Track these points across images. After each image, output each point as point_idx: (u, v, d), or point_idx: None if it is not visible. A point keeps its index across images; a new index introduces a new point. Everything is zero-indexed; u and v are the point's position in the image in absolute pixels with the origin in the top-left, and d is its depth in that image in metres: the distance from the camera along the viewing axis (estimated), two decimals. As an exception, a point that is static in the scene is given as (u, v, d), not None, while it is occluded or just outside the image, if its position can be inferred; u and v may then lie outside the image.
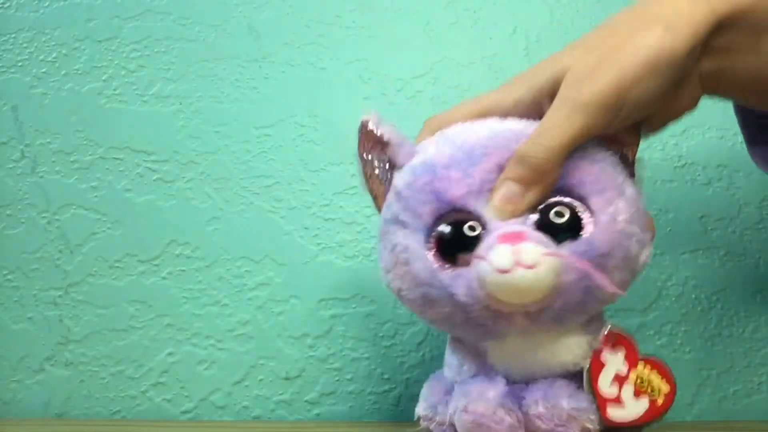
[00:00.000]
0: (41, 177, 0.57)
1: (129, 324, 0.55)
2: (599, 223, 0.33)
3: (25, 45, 0.59)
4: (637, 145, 0.37)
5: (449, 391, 0.38)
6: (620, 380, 0.34)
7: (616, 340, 0.35)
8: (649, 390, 0.34)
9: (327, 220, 0.57)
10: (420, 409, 0.39)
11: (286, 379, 0.55)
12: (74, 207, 0.57)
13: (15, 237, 0.57)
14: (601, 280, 0.32)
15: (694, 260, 0.59)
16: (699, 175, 0.60)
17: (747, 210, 0.60)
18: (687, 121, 0.60)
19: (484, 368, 0.37)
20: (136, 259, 0.56)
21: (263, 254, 0.57)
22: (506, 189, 0.33)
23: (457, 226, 0.34)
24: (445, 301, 0.34)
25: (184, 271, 0.56)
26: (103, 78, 0.59)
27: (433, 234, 0.35)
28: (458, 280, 0.33)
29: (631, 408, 0.34)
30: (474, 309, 0.33)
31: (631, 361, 0.35)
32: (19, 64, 0.59)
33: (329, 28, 0.61)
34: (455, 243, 0.34)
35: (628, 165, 0.36)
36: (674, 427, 0.52)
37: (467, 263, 0.33)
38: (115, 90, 0.59)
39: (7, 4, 0.60)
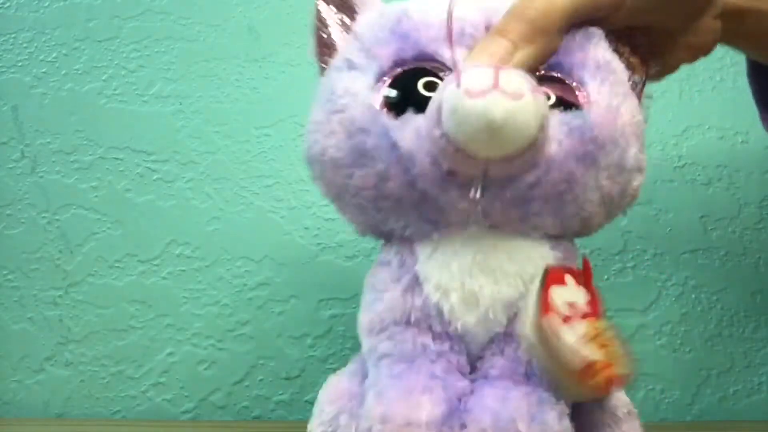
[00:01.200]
0: (41, 177, 0.57)
1: (129, 324, 0.55)
2: (598, 106, 0.28)
3: (25, 45, 0.59)
4: (645, 69, 0.32)
5: (358, 392, 0.29)
6: (574, 313, 0.26)
7: (585, 278, 0.27)
8: (605, 347, 0.26)
9: (327, 220, 0.57)
10: (314, 425, 0.31)
11: (286, 379, 0.55)
12: (74, 207, 0.57)
13: (15, 237, 0.57)
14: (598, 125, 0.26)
15: (694, 260, 0.59)
16: (699, 175, 0.60)
17: (747, 210, 0.60)
18: (687, 121, 0.60)
19: (413, 295, 0.28)
20: (136, 259, 0.56)
21: (263, 254, 0.57)
22: (493, 42, 0.27)
23: (418, 75, 0.28)
24: (382, 154, 0.26)
25: (184, 271, 0.56)
26: (103, 78, 0.59)
27: (385, 78, 0.28)
28: (406, 126, 0.26)
29: (577, 340, 0.25)
30: (421, 165, 0.26)
31: (594, 308, 0.27)
32: (19, 64, 0.59)
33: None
34: (411, 96, 0.27)
35: (636, 86, 0.31)
36: (674, 427, 0.52)
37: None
38: (115, 90, 0.59)
39: (7, 4, 0.59)
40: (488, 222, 0.28)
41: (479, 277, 0.27)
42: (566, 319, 0.25)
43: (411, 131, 0.26)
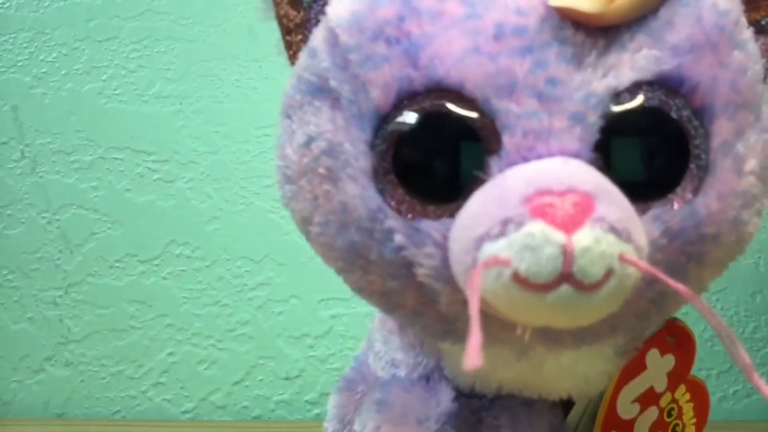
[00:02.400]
0: (41, 177, 0.57)
1: (129, 324, 0.55)
2: (718, 180, 0.18)
3: (25, 45, 0.59)
4: None
5: (369, 392, 0.25)
6: (647, 401, 0.22)
7: (674, 340, 0.23)
8: (672, 426, 0.23)
9: (327, 220, 0.57)
10: (328, 426, 0.27)
11: (286, 379, 0.55)
12: (74, 207, 0.57)
13: (15, 237, 0.57)
14: (685, 290, 0.16)
15: (694, 260, 0.59)
16: (699, 175, 0.60)
17: (747, 210, 0.60)
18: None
19: (430, 366, 0.23)
20: (136, 259, 0.56)
21: (263, 254, 0.57)
22: None
23: (436, 117, 0.18)
24: (393, 272, 0.18)
25: (184, 271, 0.56)
26: (103, 78, 0.59)
27: (388, 128, 0.18)
28: (426, 247, 0.18)
29: None
30: (446, 302, 0.18)
31: (677, 377, 0.23)
32: (19, 64, 0.59)
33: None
34: (429, 154, 0.18)
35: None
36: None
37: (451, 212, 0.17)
38: (115, 90, 0.59)
39: (7, 4, 0.59)
40: (537, 349, 0.20)
41: (523, 386, 0.22)
42: (631, 422, 0.22)
43: (435, 258, 0.17)
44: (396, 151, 0.18)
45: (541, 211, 0.15)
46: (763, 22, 0.20)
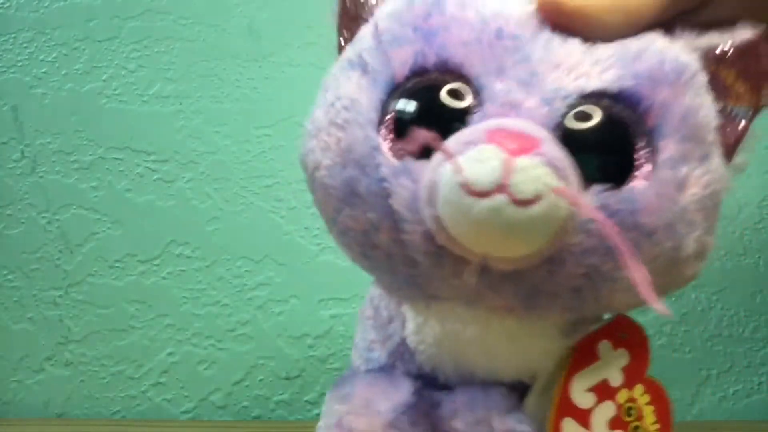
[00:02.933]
0: (41, 177, 0.57)
1: (129, 324, 0.55)
2: (657, 178, 0.21)
3: (25, 45, 0.59)
4: (758, 97, 0.24)
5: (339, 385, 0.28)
6: (602, 393, 0.23)
7: (627, 336, 0.24)
8: (632, 428, 0.23)
9: (327, 220, 0.57)
10: (322, 425, 0.27)
11: (286, 379, 0.55)
12: (74, 207, 0.57)
13: (15, 237, 0.57)
14: (633, 263, 0.19)
15: (694, 260, 0.59)
16: (699, 175, 0.60)
17: (747, 210, 0.60)
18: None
19: (397, 339, 0.27)
20: (136, 259, 0.56)
21: (263, 254, 0.57)
22: None
23: (433, 90, 0.22)
24: (374, 202, 0.22)
25: (184, 271, 0.56)
26: (103, 78, 0.59)
27: (398, 92, 0.23)
28: (402, 178, 0.22)
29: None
30: (411, 232, 0.22)
31: (633, 374, 0.23)
32: (19, 64, 0.59)
33: (329, 29, 0.61)
34: (424, 117, 0.22)
35: (733, 120, 0.24)
36: (674, 426, 0.52)
37: (428, 152, 0.21)
38: (115, 90, 0.59)
39: (7, 4, 0.59)
40: (484, 304, 0.23)
41: (475, 357, 0.24)
42: (586, 412, 0.23)
43: (407, 189, 0.21)
44: (398, 109, 0.23)
45: (496, 139, 0.20)
46: (729, 109, 0.23)
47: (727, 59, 0.23)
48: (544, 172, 0.19)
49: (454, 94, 0.22)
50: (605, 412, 0.23)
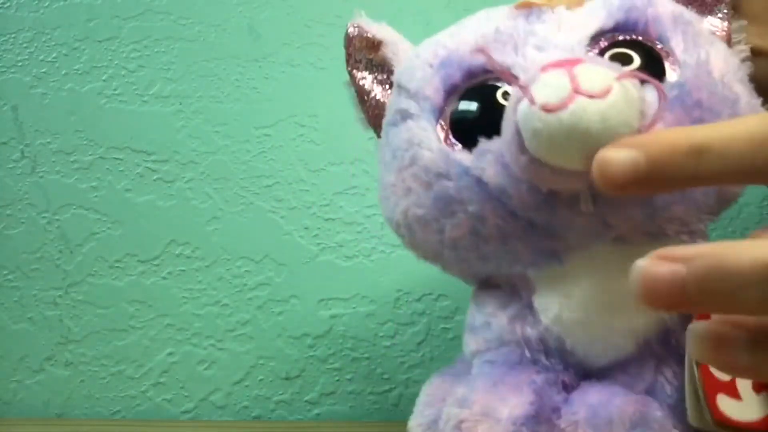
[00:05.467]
0: (41, 177, 0.57)
1: (129, 324, 0.55)
2: (686, 65, 0.24)
3: (25, 45, 0.59)
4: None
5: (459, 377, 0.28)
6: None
7: None
8: None
9: (327, 220, 0.57)
10: (413, 423, 0.28)
11: (286, 379, 0.55)
12: (74, 207, 0.57)
13: (15, 237, 0.57)
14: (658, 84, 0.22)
15: (694, 260, 0.59)
16: (699, 175, 0.60)
17: (747, 210, 0.60)
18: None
19: (524, 324, 0.26)
20: (136, 259, 0.56)
21: (263, 254, 0.57)
22: None
23: (478, 92, 0.26)
24: (470, 194, 0.24)
25: (184, 271, 0.56)
26: (103, 78, 0.59)
27: (446, 110, 0.26)
28: (485, 156, 0.24)
29: (751, 405, 0.22)
30: (517, 195, 0.23)
31: None
32: (19, 64, 0.59)
33: (329, 28, 0.61)
34: (479, 118, 0.25)
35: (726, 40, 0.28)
36: (674, 427, 0.52)
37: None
38: (115, 90, 0.59)
39: (7, 4, 0.59)
40: (613, 234, 0.24)
41: (607, 311, 0.24)
42: (731, 383, 0.22)
43: (493, 162, 0.23)
44: (453, 120, 0.26)
45: (550, 67, 0.21)
46: (716, 11, 0.28)
47: None
48: (605, 68, 0.21)
49: (502, 93, 0.25)
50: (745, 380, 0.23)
